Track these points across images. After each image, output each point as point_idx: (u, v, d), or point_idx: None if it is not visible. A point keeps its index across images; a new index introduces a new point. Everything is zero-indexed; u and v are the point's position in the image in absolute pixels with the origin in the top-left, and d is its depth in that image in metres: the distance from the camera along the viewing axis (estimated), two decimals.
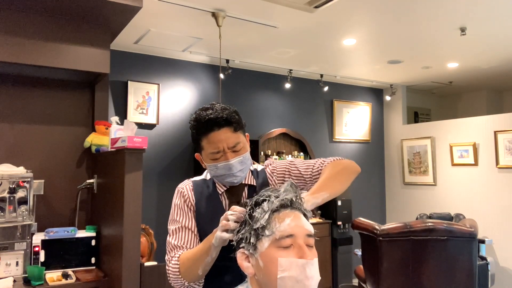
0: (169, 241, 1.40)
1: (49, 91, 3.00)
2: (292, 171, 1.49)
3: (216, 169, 1.39)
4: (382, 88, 6.21)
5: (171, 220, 1.44)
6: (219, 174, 1.40)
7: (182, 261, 1.33)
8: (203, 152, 1.41)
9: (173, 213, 1.44)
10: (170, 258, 1.37)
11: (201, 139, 1.39)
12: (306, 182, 1.48)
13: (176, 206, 1.44)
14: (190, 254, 1.34)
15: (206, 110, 1.38)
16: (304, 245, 1.01)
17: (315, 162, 1.50)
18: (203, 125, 1.36)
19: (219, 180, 1.45)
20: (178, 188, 1.48)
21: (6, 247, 2.49)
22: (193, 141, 1.44)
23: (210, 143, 1.37)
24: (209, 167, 1.42)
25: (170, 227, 1.42)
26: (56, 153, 2.97)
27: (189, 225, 1.41)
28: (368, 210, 5.92)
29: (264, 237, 1.01)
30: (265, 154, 4.97)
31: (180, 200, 1.44)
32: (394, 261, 2.96)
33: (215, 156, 1.38)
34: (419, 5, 3.17)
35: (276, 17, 3.34)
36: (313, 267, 1.00)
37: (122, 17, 2.80)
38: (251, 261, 1.04)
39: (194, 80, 4.60)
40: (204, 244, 1.28)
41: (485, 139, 5.01)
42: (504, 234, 4.76)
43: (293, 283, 0.97)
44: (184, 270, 1.32)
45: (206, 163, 1.43)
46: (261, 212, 1.05)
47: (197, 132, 1.39)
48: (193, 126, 1.40)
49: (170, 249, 1.39)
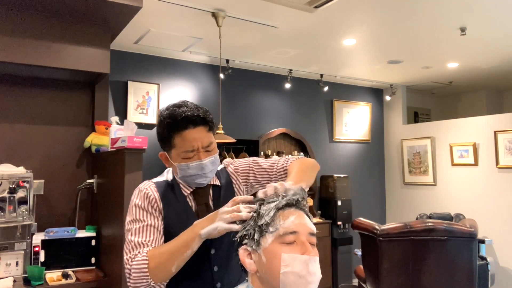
0: (130, 240, 1.29)
1: (49, 91, 3.00)
2: (256, 169, 1.49)
3: (187, 169, 1.34)
4: (382, 88, 6.21)
5: (132, 220, 1.32)
6: (189, 174, 1.35)
7: (152, 257, 1.23)
8: (174, 151, 1.35)
9: (135, 214, 1.33)
10: (133, 256, 1.25)
11: (173, 136, 1.33)
12: (270, 178, 1.49)
13: (138, 206, 1.34)
14: (164, 248, 1.25)
15: (180, 107, 1.34)
16: (307, 242, 1.02)
17: (279, 159, 1.51)
18: (179, 122, 1.31)
19: (187, 181, 1.39)
20: (140, 188, 1.38)
21: (6, 247, 2.49)
22: (161, 138, 1.37)
23: (185, 141, 1.32)
24: (179, 167, 1.35)
25: (132, 227, 1.31)
26: (56, 153, 2.97)
27: (155, 224, 1.32)
28: (368, 210, 5.92)
29: (268, 233, 1.03)
30: (265, 154, 4.97)
31: (144, 201, 1.34)
32: (394, 261, 2.96)
33: (188, 155, 1.33)
34: (419, 5, 3.17)
35: (276, 17, 3.34)
36: (316, 264, 1.01)
37: (122, 17, 2.80)
38: (254, 257, 1.05)
39: (194, 80, 4.60)
40: (186, 236, 1.21)
41: (485, 139, 5.01)
42: (504, 234, 4.76)
43: (295, 278, 0.98)
44: (154, 266, 1.21)
45: (175, 162, 1.36)
46: (266, 209, 1.06)
47: (170, 129, 1.33)
48: (165, 123, 1.33)
49: (133, 247, 1.27)
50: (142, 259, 1.23)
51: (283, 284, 0.99)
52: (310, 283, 1.00)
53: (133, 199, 1.37)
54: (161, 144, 1.39)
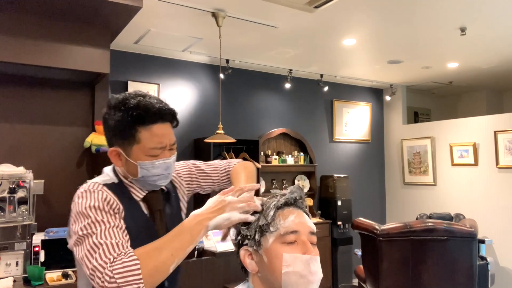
0: (98, 243, 1.02)
1: (49, 91, 3.00)
2: (198, 174, 1.45)
3: (152, 168, 1.19)
4: (382, 88, 6.21)
5: (90, 223, 1.06)
6: (153, 174, 1.20)
7: (143, 256, 0.99)
8: (136, 147, 1.17)
9: (94, 216, 1.08)
10: (112, 259, 0.99)
11: (139, 130, 1.16)
12: (214, 183, 1.46)
13: (96, 208, 1.09)
14: (157, 245, 1.03)
15: (145, 97, 1.19)
16: (307, 241, 1.02)
17: (219, 163, 1.47)
18: (150, 115, 1.16)
19: (146, 182, 1.22)
20: (90, 190, 1.14)
21: (6, 247, 2.49)
22: (120, 131, 1.17)
23: (153, 137, 1.17)
24: (142, 166, 1.18)
25: (94, 230, 1.05)
26: (56, 153, 2.98)
27: (122, 226, 1.10)
28: (368, 210, 5.92)
29: (269, 233, 1.03)
30: (265, 154, 4.97)
31: (101, 202, 1.11)
32: (394, 261, 2.96)
33: (155, 152, 1.18)
34: (419, 5, 3.17)
35: (276, 17, 3.34)
36: (317, 263, 1.01)
37: (122, 17, 2.80)
38: (255, 258, 1.05)
39: (194, 80, 4.60)
40: (190, 229, 1.05)
41: (485, 139, 5.01)
42: (504, 234, 4.76)
43: (297, 278, 0.98)
44: (152, 266, 0.99)
45: (138, 160, 1.18)
46: (266, 209, 1.06)
47: (137, 121, 1.15)
48: (130, 113, 1.15)
49: (106, 250, 1.01)
50: (130, 259, 0.98)
51: (285, 284, 0.99)
52: (312, 283, 1.00)
53: (82, 203, 1.11)
54: (115, 138, 1.20)
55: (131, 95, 1.20)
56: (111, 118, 1.19)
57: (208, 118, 4.60)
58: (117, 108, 1.18)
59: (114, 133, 1.19)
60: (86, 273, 1.03)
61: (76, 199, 1.14)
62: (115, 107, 1.19)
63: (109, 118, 1.20)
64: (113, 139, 1.21)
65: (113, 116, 1.18)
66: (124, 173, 1.24)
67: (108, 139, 1.23)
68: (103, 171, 1.30)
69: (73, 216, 1.12)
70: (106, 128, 1.23)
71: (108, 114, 1.20)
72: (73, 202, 1.15)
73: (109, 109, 1.21)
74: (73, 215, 1.13)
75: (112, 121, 1.19)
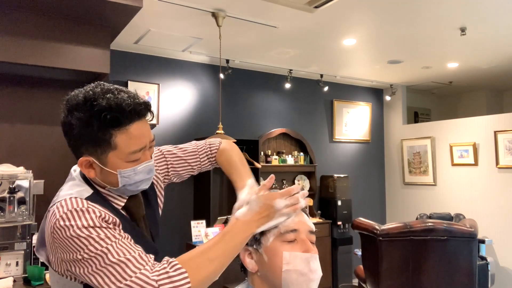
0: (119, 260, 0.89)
1: (49, 91, 3.00)
2: (175, 161, 1.30)
3: (134, 175, 1.03)
4: (382, 88, 6.21)
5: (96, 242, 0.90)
6: (134, 181, 1.05)
7: (192, 267, 0.90)
8: (113, 154, 1.00)
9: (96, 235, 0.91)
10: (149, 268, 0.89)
11: (115, 134, 0.98)
12: (193, 169, 1.33)
13: (95, 227, 0.92)
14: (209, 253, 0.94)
15: (113, 93, 1.00)
16: (307, 239, 1.03)
17: (197, 147, 1.33)
18: (126, 115, 0.98)
19: (124, 190, 1.07)
20: (77, 208, 0.94)
21: (6, 247, 2.49)
22: (91, 138, 0.98)
23: (132, 139, 1.00)
24: (123, 174, 1.02)
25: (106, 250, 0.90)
26: (56, 153, 2.97)
27: (129, 237, 0.97)
28: (368, 210, 5.92)
29: (269, 232, 1.03)
30: (265, 154, 4.97)
31: (97, 221, 0.93)
32: (394, 261, 2.96)
33: (136, 156, 1.02)
34: (419, 5, 3.17)
35: (276, 17, 3.34)
36: (316, 261, 1.02)
37: (122, 17, 2.80)
38: (254, 257, 1.05)
39: (194, 80, 4.60)
40: (239, 235, 0.97)
41: (485, 139, 5.01)
42: (504, 234, 4.76)
43: (297, 276, 0.99)
44: (201, 279, 0.90)
45: (116, 168, 1.01)
46: None
47: (111, 125, 0.97)
48: (102, 117, 0.96)
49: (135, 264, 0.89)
50: (177, 273, 0.88)
51: (285, 282, 0.99)
52: (312, 281, 1.00)
53: (72, 225, 0.91)
54: (85, 147, 1.01)
55: (96, 92, 1.00)
56: (75, 123, 0.98)
57: (208, 118, 4.60)
58: (81, 110, 0.98)
59: (82, 142, 1.00)
60: None
61: (61, 222, 0.92)
62: (78, 109, 0.98)
63: (72, 124, 0.99)
64: (81, 148, 1.01)
65: (77, 121, 0.98)
66: (99, 183, 1.06)
67: (74, 148, 1.03)
68: (71, 174, 1.13)
69: (61, 242, 0.92)
70: (69, 135, 1.02)
71: (70, 118, 0.99)
72: (55, 226, 0.93)
73: (68, 112, 1.00)
74: (61, 241, 0.92)
75: (77, 127, 0.98)
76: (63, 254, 0.93)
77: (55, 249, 0.95)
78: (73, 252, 0.91)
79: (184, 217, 4.35)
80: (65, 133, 1.04)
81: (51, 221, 0.96)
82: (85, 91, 1.02)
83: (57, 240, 0.93)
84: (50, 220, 0.96)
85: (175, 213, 4.34)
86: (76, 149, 1.04)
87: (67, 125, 1.01)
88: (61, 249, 0.93)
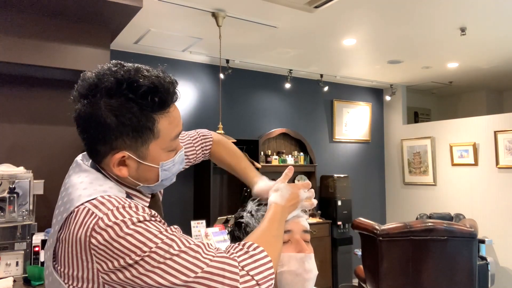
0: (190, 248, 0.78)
1: (49, 91, 3.00)
2: None
3: (173, 166, 0.92)
4: (382, 88, 6.21)
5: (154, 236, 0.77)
6: (171, 174, 0.93)
7: (266, 246, 0.86)
8: (155, 143, 0.86)
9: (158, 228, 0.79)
10: (224, 252, 0.82)
11: (158, 119, 0.85)
12: (189, 161, 1.21)
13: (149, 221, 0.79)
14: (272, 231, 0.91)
15: (144, 71, 0.89)
16: (301, 240, 1.03)
17: (190, 138, 1.21)
18: (171, 95, 0.86)
19: (155, 187, 0.93)
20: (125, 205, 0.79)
21: (6, 247, 2.49)
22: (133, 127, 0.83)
23: (172, 123, 0.88)
24: (163, 167, 0.89)
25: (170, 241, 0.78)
26: (56, 153, 2.97)
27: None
28: (368, 210, 5.92)
29: None
30: (265, 154, 4.97)
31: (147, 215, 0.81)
32: (394, 261, 2.96)
33: (175, 143, 0.91)
34: (419, 5, 3.17)
35: (276, 17, 3.34)
36: (311, 261, 1.02)
37: (122, 17, 2.80)
38: None
39: (194, 80, 4.60)
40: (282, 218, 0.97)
41: (485, 139, 5.01)
42: (504, 234, 4.76)
43: (292, 277, 0.99)
44: (275, 257, 0.88)
45: (157, 160, 0.88)
46: (256, 211, 1.06)
47: (157, 109, 0.84)
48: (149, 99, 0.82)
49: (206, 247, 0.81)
50: (258, 251, 0.83)
51: (280, 283, 0.99)
52: (307, 281, 1.00)
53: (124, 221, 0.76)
54: (122, 138, 0.83)
55: (132, 70, 0.88)
56: (105, 113, 0.81)
57: (208, 118, 4.60)
58: (115, 95, 0.81)
59: (118, 134, 0.82)
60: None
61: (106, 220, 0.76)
62: (110, 95, 0.82)
63: (100, 115, 0.81)
64: (113, 143, 0.84)
65: (110, 109, 0.81)
66: (130, 182, 0.90)
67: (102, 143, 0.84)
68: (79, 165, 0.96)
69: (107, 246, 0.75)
70: (93, 129, 0.83)
71: (96, 108, 0.81)
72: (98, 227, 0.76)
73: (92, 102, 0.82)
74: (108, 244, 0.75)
75: (110, 117, 0.81)
76: (108, 263, 0.76)
77: (89, 259, 0.77)
78: (126, 255, 0.74)
79: (184, 217, 4.35)
80: (86, 128, 0.85)
81: (85, 225, 0.77)
82: (112, 73, 0.86)
83: (101, 245, 0.75)
84: (83, 224, 0.77)
85: (175, 213, 4.34)
86: (103, 145, 0.84)
87: (93, 117, 0.82)
88: (104, 256, 0.76)
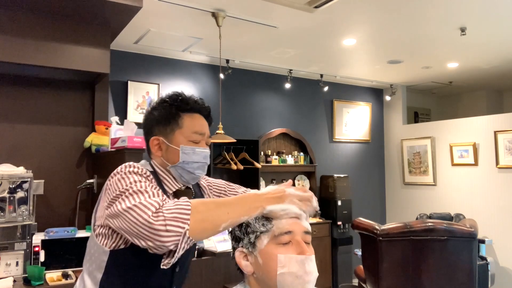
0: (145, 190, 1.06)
1: (49, 91, 3.00)
2: (229, 192, 1.47)
3: (192, 153, 1.25)
4: (382, 88, 6.21)
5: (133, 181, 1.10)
6: (192, 161, 1.25)
7: (198, 203, 1.01)
8: (179, 132, 1.26)
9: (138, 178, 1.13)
10: (160, 201, 1.02)
11: (182, 116, 1.26)
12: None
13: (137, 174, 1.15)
14: (218, 201, 1.11)
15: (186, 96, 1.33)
16: (302, 241, 1.02)
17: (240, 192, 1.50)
18: (191, 104, 1.28)
19: (182, 170, 1.26)
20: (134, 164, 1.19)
21: (6, 247, 2.49)
22: (165, 118, 1.26)
23: (195, 122, 1.28)
24: (183, 150, 1.24)
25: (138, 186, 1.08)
26: (56, 153, 2.98)
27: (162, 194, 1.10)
28: (368, 210, 5.92)
29: (263, 234, 1.03)
30: (265, 154, 4.97)
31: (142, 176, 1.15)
32: (394, 261, 2.96)
33: (197, 137, 1.27)
34: (419, 5, 3.17)
35: (276, 17, 3.34)
36: (312, 263, 1.01)
37: (122, 17, 2.80)
38: (250, 259, 1.05)
39: (194, 80, 4.60)
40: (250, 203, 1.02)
41: (485, 139, 5.01)
42: (504, 234, 4.76)
43: (293, 279, 0.98)
44: (203, 215, 0.99)
45: (180, 144, 1.24)
46: None
47: (180, 108, 1.27)
48: (175, 101, 1.27)
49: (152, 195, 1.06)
50: (183, 201, 1.00)
51: (280, 285, 0.99)
52: (308, 283, 1.00)
53: (121, 170, 1.15)
54: (158, 127, 1.28)
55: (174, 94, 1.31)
56: (156, 110, 1.28)
57: None
58: (162, 102, 1.30)
59: (158, 121, 1.27)
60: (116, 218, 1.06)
61: (118, 169, 1.16)
62: (161, 102, 1.30)
63: (154, 111, 1.29)
64: (154, 128, 1.28)
65: (159, 108, 1.28)
66: (161, 163, 1.28)
67: (149, 130, 1.29)
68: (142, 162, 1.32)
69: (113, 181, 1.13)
70: (149, 120, 1.29)
71: (154, 108, 1.30)
72: (114, 172, 1.16)
73: (152, 106, 1.32)
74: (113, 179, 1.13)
75: (157, 111, 1.28)
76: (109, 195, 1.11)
77: (106, 192, 1.14)
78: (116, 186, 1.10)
79: None
80: (145, 122, 1.31)
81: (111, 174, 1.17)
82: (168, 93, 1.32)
83: (111, 180, 1.14)
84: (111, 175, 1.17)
85: None
86: (150, 131, 1.29)
87: (149, 113, 1.30)
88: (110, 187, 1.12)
